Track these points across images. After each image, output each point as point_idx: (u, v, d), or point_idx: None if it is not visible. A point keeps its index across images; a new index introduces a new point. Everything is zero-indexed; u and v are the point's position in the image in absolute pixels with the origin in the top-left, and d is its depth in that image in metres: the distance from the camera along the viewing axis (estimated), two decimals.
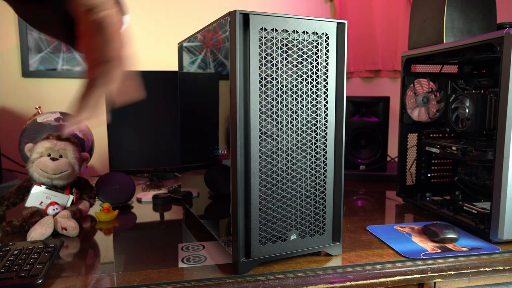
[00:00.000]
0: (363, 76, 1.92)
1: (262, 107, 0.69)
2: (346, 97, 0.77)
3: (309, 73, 0.73)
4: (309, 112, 0.74)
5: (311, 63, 0.73)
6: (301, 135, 0.74)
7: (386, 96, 1.54)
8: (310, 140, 0.75)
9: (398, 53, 1.86)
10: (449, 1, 1.01)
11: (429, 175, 1.22)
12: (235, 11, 0.66)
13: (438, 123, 1.20)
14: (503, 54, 0.80)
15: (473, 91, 1.08)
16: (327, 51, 0.74)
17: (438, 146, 1.08)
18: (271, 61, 0.69)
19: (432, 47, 1.05)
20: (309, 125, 0.74)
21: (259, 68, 0.68)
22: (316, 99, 0.74)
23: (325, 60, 0.74)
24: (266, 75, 0.69)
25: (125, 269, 0.74)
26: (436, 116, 1.17)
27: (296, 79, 0.72)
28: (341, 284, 0.72)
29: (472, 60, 1.10)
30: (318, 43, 0.73)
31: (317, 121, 0.75)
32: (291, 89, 0.72)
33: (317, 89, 0.74)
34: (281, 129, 0.71)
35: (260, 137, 0.70)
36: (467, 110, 1.02)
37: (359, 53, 1.88)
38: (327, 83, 0.75)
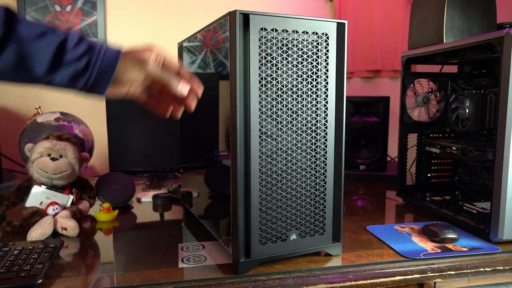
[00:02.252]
0: (363, 76, 1.92)
1: (262, 107, 0.69)
2: (346, 97, 0.77)
3: (309, 73, 0.73)
4: (309, 112, 0.74)
5: (311, 63, 0.73)
6: (301, 135, 0.74)
7: (386, 96, 1.54)
8: (310, 140, 0.75)
9: (398, 53, 1.86)
10: (449, 1, 1.01)
11: (429, 175, 1.22)
12: (235, 11, 0.66)
13: (438, 123, 1.20)
14: (503, 54, 0.80)
15: (473, 91, 1.08)
16: (327, 51, 0.74)
17: (438, 146, 1.08)
18: (271, 61, 0.69)
19: (432, 47, 1.05)
20: (309, 125, 0.74)
21: (259, 68, 0.68)
22: (316, 99, 0.74)
23: (325, 60, 0.74)
24: (266, 75, 0.69)
25: (125, 269, 0.74)
26: (436, 116, 1.17)
27: (296, 79, 0.72)
28: (341, 284, 0.72)
29: (472, 60, 1.10)
30: (318, 43, 0.73)
31: (317, 121, 0.75)
32: (291, 89, 0.72)
33: (317, 89, 0.74)
34: (281, 129, 0.71)
35: (260, 137, 0.70)
36: (467, 110, 1.02)
37: (359, 53, 1.88)
38: (327, 83, 0.75)
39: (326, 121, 0.76)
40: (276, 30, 0.69)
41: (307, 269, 0.74)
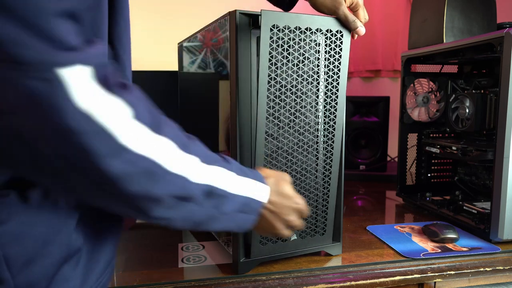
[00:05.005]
0: (363, 76, 1.92)
1: (270, 108, 0.68)
2: (346, 97, 0.77)
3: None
4: (311, 111, 0.73)
5: (329, 59, 0.72)
6: (302, 133, 0.73)
7: (386, 96, 1.54)
8: (312, 139, 0.74)
9: (398, 53, 1.86)
10: (449, 1, 1.01)
11: (429, 175, 1.22)
12: (235, 10, 0.66)
13: (438, 123, 1.20)
14: (503, 54, 0.80)
15: (473, 91, 1.08)
16: (340, 50, 0.72)
17: (438, 146, 1.08)
18: (281, 60, 0.68)
19: (432, 47, 1.05)
20: (311, 124, 0.74)
21: (269, 67, 0.66)
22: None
23: (337, 60, 0.73)
24: (275, 75, 0.67)
25: (125, 269, 0.74)
26: (436, 116, 1.17)
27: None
28: (341, 284, 0.72)
29: (472, 60, 1.10)
30: (332, 41, 0.72)
31: (318, 121, 0.75)
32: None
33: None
34: (282, 127, 0.71)
35: (266, 139, 0.68)
36: (467, 110, 1.02)
37: (359, 53, 1.88)
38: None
39: (327, 121, 0.75)
40: (289, 28, 0.66)
41: (307, 269, 0.74)
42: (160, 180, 0.40)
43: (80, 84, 0.33)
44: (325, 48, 0.72)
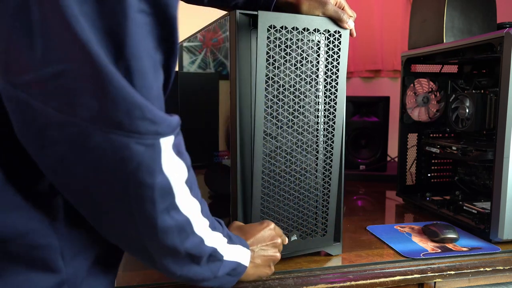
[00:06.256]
0: (363, 76, 1.92)
1: (268, 108, 0.68)
2: (346, 97, 0.77)
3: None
4: (310, 111, 0.73)
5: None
6: (302, 133, 0.73)
7: (386, 96, 1.54)
8: (311, 139, 0.74)
9: (398, 53, 1.86)
10: (449, 1, 1.01)
11: (429, 175, 1.22)
12: (235, 10, 0.66)
13: (438, 123, 1.19)
14: (503, 54, 0.80)
15: (473, 91, 1.08)
16: (339, 49, 0.72)
17: (438, 146, 1.08)
18: (279, 60, 0.68)
19: (432, 47, 1.05)
20: (310, 123, 0.74)
21: (266, 67, 0.66)
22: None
23: (336, 60, 0.73)
24: (273, 74, 0.67)
25: (125, 269, 0.74)
26: (436, 116, 1.17)
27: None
28: (341, 284, 0.72)
29: (472, 60, 1.10)
30: (330, 41, 0.72)
31: (317, 121, 0.75)
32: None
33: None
34: (281, 127, 0.71)
35: (264, 138, 0.69)
36: (467, 110, 1.02)
37: (359, 53, 1.88)
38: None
39: (327, 121, 0.75)
40: (286, 28, 0.66)
41: (307, 269, 0.74)
42: (187, 237, 0.45)
43: (167, 150, 0.39)
44: (324, 48, 0.72)
